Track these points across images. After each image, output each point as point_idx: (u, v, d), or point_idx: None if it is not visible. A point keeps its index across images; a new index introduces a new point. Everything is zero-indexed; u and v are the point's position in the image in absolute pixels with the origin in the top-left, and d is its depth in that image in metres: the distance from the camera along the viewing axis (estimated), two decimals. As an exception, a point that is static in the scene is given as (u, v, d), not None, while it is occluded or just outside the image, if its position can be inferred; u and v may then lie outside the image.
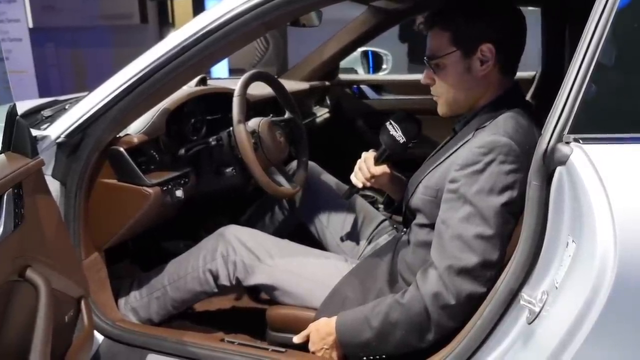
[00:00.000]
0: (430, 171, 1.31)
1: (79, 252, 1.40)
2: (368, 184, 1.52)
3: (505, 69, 1.27)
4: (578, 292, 0.93)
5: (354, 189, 1.56)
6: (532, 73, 2.41)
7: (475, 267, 1.14)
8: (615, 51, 0.95)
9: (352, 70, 2.83)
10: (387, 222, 1.77)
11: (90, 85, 1.88)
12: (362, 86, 2.72)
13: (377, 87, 2.71)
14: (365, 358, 1.28)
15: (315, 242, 1.78)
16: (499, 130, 1.18)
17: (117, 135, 1.41)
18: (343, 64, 2.64)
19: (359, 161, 1.52)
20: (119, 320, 1.49)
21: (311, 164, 1.87)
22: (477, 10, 1.24)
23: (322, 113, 2.53)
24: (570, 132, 0.97)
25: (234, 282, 1.51)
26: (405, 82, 2.69)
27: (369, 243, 1.72)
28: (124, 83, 1.27)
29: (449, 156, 1.27)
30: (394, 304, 1.22)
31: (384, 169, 1.50)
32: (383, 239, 1.69)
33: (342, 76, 2.68)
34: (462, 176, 1.18)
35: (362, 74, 2.84)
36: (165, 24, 7.90)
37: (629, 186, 0.90)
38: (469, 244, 1.14)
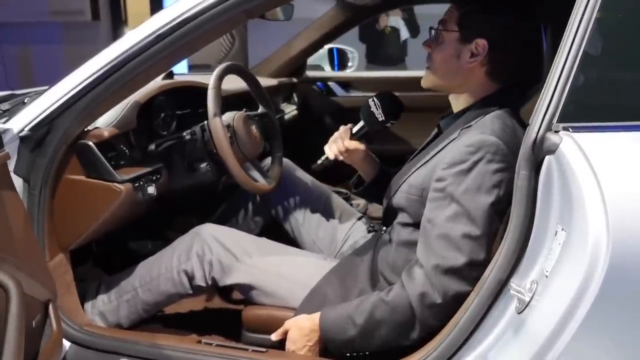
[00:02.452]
0: (416, 170, 1.30)
1: (43, 253, 1.32)
2: (340, 157, 1.51)
3: (493, 72, 1.26)
4: (570, 280, 0.93)
5: (325, 160, 1.54)
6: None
7: (463, 267, 1.14)
8: (601, 40, 0.96)
9: (319, 68, 2.80)
10: (363, 220, 1.76)
11: (38, 83, 1.79)
12: (329, 83, 2.70)
13: (345, 84, 2.70)
14: (348, 355, 1.26)
15: (290, 241, 1.74)
16: (486, 129, 1.18)
17: (86, 129, 1.34)
18: (309, 61, 2.61)
19: (335, 133, 1.51)
20: (87, 325, 1.42)
21: (285, 160, 1.83)
22: (490, 5, 1.24)
23: (289, 110, 2.49)
24: (559, 121, 0.97)
25: (209, 283, 1.46)
26: (372, 79, 2.69)
27: (346, 241, 1.70)
28: (95, 72, 1.20)
29: (434, 155, 1.26)
30: (378, 302, 1.20)
31: (358, 144, 1.49)
32: (360, 237, 1.68)
33: (310, 73, 2.65)
34: (449, 175, 1.17)
35: (329, 71, 2.82)
36: (119, 21, 7.68)
37: (620, 173, 0.91)
38: (456, 244, 1.14)
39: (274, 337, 1.34)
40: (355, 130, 1.48)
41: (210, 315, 1.77)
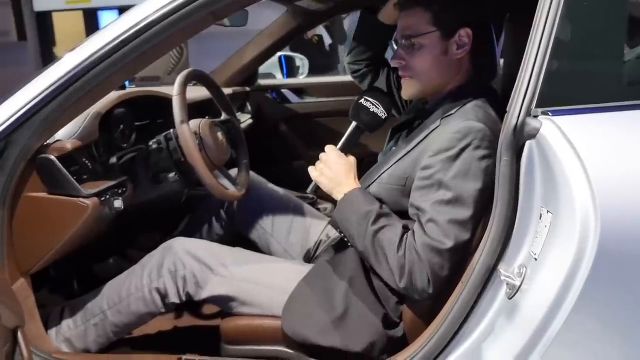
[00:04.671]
0: (398, 160, 1.29)
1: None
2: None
3: (475, 57, 1.30)
4: (560, 261, 0.95)
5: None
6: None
7: (450, 250, 1.16)
8: (572, 24, 0.99)
9: (271, 76, 2.78)
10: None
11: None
12: (283, 90, 2.68)
13: (299, 90, 2.69)
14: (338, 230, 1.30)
15: (259, 252, 1.70)
16: (471, 116, 1.20)
17: (46, 142, 1.26)
18: (261, 69, 2.59)
19: (324, 156, 1.35)
20: (55, 352, 1.33)
21: None
22: None
23: (244, 119, 2.45)
24: (537, 107, 1.00)
25: (184, 299, 1.39)
26: (325, 85, 2.69)
27: (319, 245, 1.68)
28: (56, 81, 1.13)
29: (417, 144, 1.27)
30: (394, 228, 1.21)
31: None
32: (333, 240, 1.66)
33: (262, 81, 2.62)
34: (436, 162, 1.19)
35: (280, 79, 2.81)
36: (46, 42, 7.37)
37: (602, 152, 0.94)
38: (443, 229, 1.15)
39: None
40: (346, 144, 1.36)
41: (183, 332, 1.70)
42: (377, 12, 1.56)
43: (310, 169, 1.34)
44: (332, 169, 1.31)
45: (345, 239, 1.29)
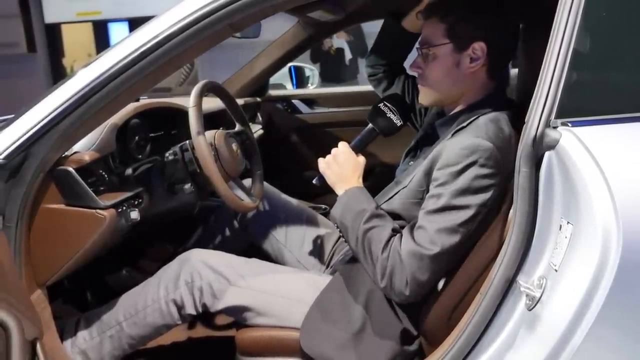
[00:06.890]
0: (415, 176, 1.30)
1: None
2: None
3: (492, 71, 1.30)
4: (581, 272, 0.94)
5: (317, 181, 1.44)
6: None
7: (433, 257, 1.17)
8: (591, 33, 0.99)
9: (281, 86, 2.79)
10: None
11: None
12: (294, 101, 2.69)
13: (309, 101, 2.70)
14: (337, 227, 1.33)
15: (271, 262, 1.70)
16: (481, 133, 1.20)
17: (64, 154, 1.26)
18: (271, 80, 2.60)
19: (335, 151, 1.38)
20: (72, 364, 1.33)
21: None
22: (476, 8, 1.26)
23: (255, 130, 2.46)
24: (556, 117, 0.99)
25: (200, 310, 1.39)
26: (336, 95, 2.70)
27: (333, 256, 1.68)
28: (75, 93, 1.14)
29: (429, 156, 1.27)
30: (382, 230, 1.23)
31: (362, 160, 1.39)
32: (347, 250, 1.66)
33: (273, 92, 2.63)
34: (441, 175, 1.20)
35: (291, 90, 2.82)
36: (56, 53, 7.43)
37: (623, 163, 0.94)
38: (430, 236, 1.17)
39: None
40: (360, 142, 1.41)
41: (197, 344, 1.70)
42: (401, 18, 1.58)
43: (320, 160, 1.38)
44: (340, 164, 1.34)
45: (341, 235, 1.33)
